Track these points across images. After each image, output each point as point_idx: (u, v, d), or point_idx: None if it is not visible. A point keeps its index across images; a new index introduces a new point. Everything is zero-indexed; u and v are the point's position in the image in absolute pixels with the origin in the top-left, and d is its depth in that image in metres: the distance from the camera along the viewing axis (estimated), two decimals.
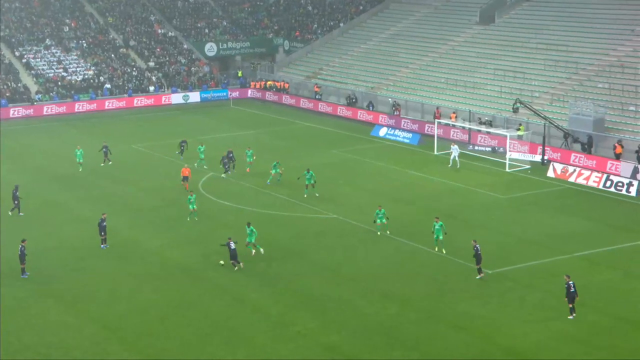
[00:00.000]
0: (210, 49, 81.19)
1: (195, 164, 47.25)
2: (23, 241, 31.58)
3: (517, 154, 48.62)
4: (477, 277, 30.04)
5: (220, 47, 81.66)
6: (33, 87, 69.19)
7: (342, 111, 65.25)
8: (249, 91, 75.17)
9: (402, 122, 58.73)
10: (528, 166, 47.71)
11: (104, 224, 34.17)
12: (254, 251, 33.20)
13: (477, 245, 30.31)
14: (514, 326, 26.89)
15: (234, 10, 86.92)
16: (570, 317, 27.12)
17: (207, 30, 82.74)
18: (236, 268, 31.74)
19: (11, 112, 65.35)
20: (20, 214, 39.05)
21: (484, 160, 49.81)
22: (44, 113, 66.32)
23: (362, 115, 63.21)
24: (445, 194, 42.60)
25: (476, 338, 26.14)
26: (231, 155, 46.47)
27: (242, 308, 28.43)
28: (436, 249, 33.37)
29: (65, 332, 26.62)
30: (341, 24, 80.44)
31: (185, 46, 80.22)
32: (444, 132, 54.59)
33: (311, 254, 33.68)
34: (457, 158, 47.60)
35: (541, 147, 49.03)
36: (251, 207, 40.30)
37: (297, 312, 28.02)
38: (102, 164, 47.85)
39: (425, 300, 28.95)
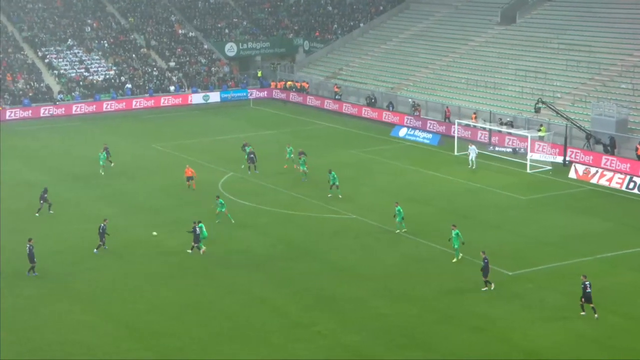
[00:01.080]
0: (231, 49, 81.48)
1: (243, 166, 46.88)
2: (29, 240, 31.71)
3: (538, 155, 48.32)
4: (483, 289, 29.65)
5: (241, 47, 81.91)
6: (55, 87, 69.88)
7: (362, 111, 65.20)
8: (269, 91, 75.31)
9: (427, 124, 58.40)
10: (549, 167, 47.39)
11: (102, 230, 33.67)
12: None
13: (486, 258, 29.75)
14: (534, 328, 26.72)
15: (254, 11, 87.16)
16: (596, 315, 26.96)
17: (227, 31, 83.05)
18: (191, 251, 33.18)
19: (41, 111, 65.93)
20: (51, 211, 39.54)
21: (504, 161, 49.55)
22: (69, 112, 66.87)
23: (383, 115, 63.09)
24: (464, 195, 42.41)
25: (495, 339, 26.01)
26: (252, 155, 46.55)
27: (260, 308, 28.50)
28: (454, 260, 32.59)
29: (85, 330, 26.85)
30: (361, 24, 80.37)
31: (205, 46, 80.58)
32: (465, 132, 54.35)
33: (330, 254, 33.69)
34: (474, 159, 47.43)
35: (563, 148, 48.68)
36: (270, 206, 40.39)
37: (316, 312, 28.04)
38: (102, 166, 48.04)
39: (443, 301, 28.85)
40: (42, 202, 39.48)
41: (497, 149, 51.87)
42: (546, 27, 65.80)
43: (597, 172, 44.81)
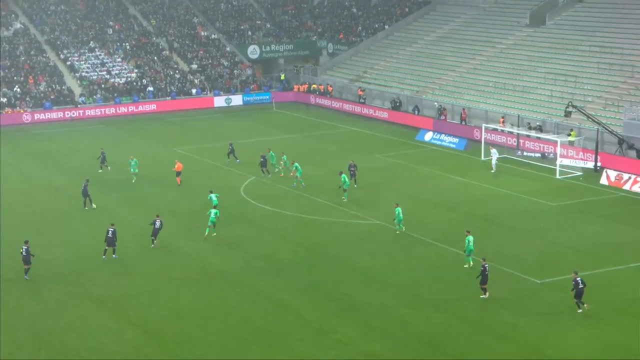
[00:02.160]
0: (253, 51, 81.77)
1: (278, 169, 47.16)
2: (26, 242, 31.84)
3: (568, 160, 47.86)
4: (482, 297, 29.47)
5: (263, 49, 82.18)
6: (77, 90, 70.55)
7: (387, 115, 65.08)
8: (292, 94, 75.42)
9: (453, 128, 58.25)
10: (580, 173, 46.91)
11: (110, 235, 33.61)
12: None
13: (486, 265, 29.53)
14: (564, 338, 26.40)
15: (278, 13, 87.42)
16: (585, 306, 27.91)
17: (250, 33, 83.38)
18: (152, 245, 34.68)
19: (62, 114, 66.78)
20: (93, 206, 40.54)
21: (532, 167, 49.16)
22: (90, 115, 67.54)
23: (408, 119, 62.92)
24: (491, 200, 42.12)
25: (524, 350, 25.73)
26: (262, 159, 46.66)
27: (282, 314, 28.48)
28: (466, 265, 32.33)
29: (105, 335, 27.00)
30: (386, 26, 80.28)
31: (228, 49, 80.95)
32: (491, 137, 54.03)
33: (353, 260, 33.61)
34: (495, 162, 47.32)
35: (594, 153, 48.17)
36: (291, 211, 40.41)
37: (339, 319, 27.95)
38: (100, 170, 48.30)
39: (470, 310, 28.63)
40: (85, 196, 40.50)
41: (525, 153, 51.48)
42: (577, 28, 65.25)
43: (629, 178, 44.26)
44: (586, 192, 43.77)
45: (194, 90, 73.73)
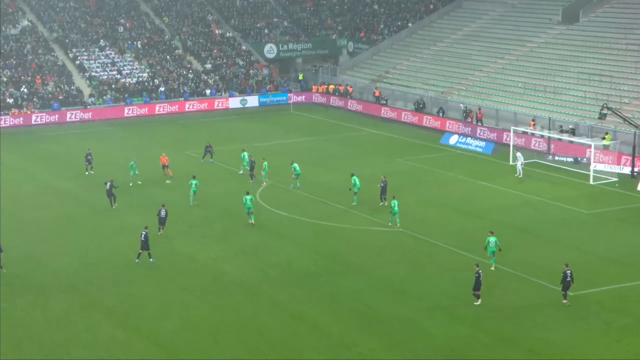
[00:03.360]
0: (270, 50, 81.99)
1: (241, 171, 48.33)
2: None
3: (603, 166, 47.53)
4: (475, 303, 29.53)
5: (281, 48, 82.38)
6: (86, 90, 71.05)
7: (409, 117, 64.99)
8: (310, 95, 75.50)
9: (480, 131, 58.10)
10: (615, 179, 46.57)
11: (143, 239, 34.24)
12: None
13: (480, 271, 29.79)
14: (598, 353, 26.20)
15: (295, 10, 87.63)
16: (564, 301, 29.53)
17: (266, 31, 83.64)
18: (159, 233, 36.91)
19: (68, 115, 67.26)
20: (115, 205, 41.88)
21: (565, 172, 48.87)
22: (100, 116, 67.96)
23: (432, 122, 62.78)
24: (519, 208, 41.93)
25: None
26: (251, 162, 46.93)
27: (300, 326, 28.48)
28: (492, 267, 32.93)
29: (115, 347, 27.12)
30: (410, 24, 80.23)
31: (243, 47, 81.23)
32: (522, 140, 53.81)
33: (374, 270, 33.56)
34: (520, 167, 47.39)
35: (631, 158, 47.80)
36: (309, 217, 40.42)
37: (359, 331, 27.91)
38: (86, 173, 48.57)
39: (497, 323, 28.48)
40: (110, 196, 41.75)
41: (557, 158, 51.19)
42: (613, 26, 64.84)
43: None
44: (622, 199, 43.41)
45: (208, 91, 74.00)
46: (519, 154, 48.08)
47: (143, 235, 34.18)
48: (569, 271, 29.81)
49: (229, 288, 31.93)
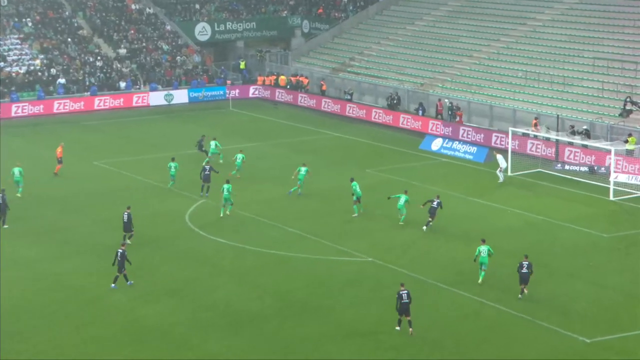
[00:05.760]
0: (203, 31, 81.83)
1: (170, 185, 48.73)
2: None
3: (626, 177, 48.11)
4: (396, 328, 30.84)
5: (216, 28, 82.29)
6: None
7: (381, 116, 65.18)
8: (255, 89, 75.41)
9: (461, 131, 58.49)
10: None
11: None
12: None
13: (405, 292, 31.20)
14: None
15: None
16: (520, 296, 33.49)
17: (197, 6, 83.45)
18: (125, 241, 37.92)
19: None
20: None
21: (578, 185, 49.35)
22: None
23: (409, 122, 63.03)
24: (523, 230, 42.22)
25: None
26: (207, 171, 46.87)
27: None
28: (480, 280, 34.99)
29: None
30: None
31: (168, 27, 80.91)
32: (520, 144, 54.24)
33: (338, 312, 33.47)
34: (502, 173, 49.05)
35: None
36: (256, 245, 40.25)
37: None
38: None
39: None
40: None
41: (567, 167, 51.68)
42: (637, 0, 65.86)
43: None
44: None
45: (122, 84, 73.46)
46: (500, 156, 48.90)
47: (119, 254, 35.33)
48: (527, 262, 33.64)
49: (147, 338, 31.53)
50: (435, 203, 41.71)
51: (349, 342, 31.12)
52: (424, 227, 41.71)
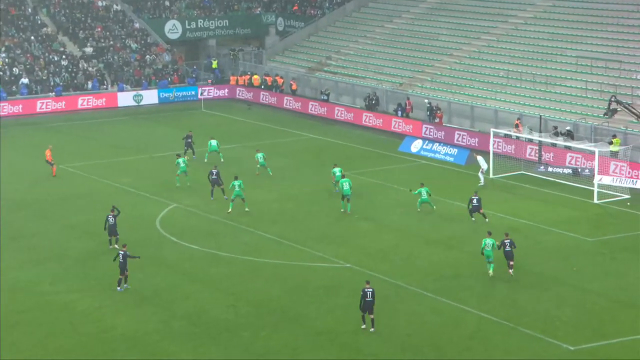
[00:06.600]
0: (173, 29, 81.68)
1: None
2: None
3: (610, 179, 48.41)
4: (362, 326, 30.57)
5: (187, 26, 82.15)
6: None
7: (358, 117, 65.31)
8: (228, 89, 75.37)
9: (451, 134, 58.70)
10: (627, 195, 47.50)
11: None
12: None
13: (369, 289, 31.96)
14: None
15: None
16: (510, 271, 36.37)
17: (168, 3, 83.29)
18: (110, 247, 39.54)
19: None
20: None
21: (561, 187, 49.63)
22: None
23: (388, 123, 63.21)
24: (504, 235, 42.31)
25: None
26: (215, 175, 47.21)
27: None
28: (490, 272, 36.55)
29: None
30: None
31: (137, 25, 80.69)
32: (504, 147, 54.53)
33: (315, 320, 33.51)
34: (481, 174, 49.65)
35: None
36: (229, 251, 40.27)
37: None
38: None
39: None
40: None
41: (550, 169, 51.98)
42: None
43: None
44: (636, 222, 44.25)
45: (89, 84, 73.21)
46: (479, 158, 49.51)
47: (121, 256, 35.68)
48: (508, 240, 36.39)
49: (117, 348, 31.46)
50: (475, 200, 43.98)
51: (326, 350, 31.22)
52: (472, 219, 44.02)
